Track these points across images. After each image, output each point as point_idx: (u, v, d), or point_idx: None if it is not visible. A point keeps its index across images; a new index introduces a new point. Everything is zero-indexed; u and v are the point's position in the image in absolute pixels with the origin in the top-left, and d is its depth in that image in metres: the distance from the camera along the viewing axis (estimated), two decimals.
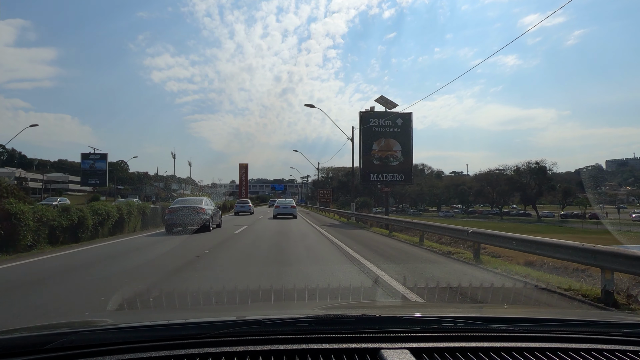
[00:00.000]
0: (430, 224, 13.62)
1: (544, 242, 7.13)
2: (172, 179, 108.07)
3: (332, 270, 7.73)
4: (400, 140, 28.17)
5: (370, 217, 22.71)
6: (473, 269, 8.49)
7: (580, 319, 1.70)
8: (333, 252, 10.76)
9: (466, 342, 1.43)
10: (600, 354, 1.40)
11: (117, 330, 1.51)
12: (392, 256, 10.30)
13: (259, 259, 9.78)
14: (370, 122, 27.90)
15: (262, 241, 13.75)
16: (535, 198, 74.66)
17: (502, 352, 1.38)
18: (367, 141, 27.97)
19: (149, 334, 1.48)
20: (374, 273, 7.40)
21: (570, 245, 6.55)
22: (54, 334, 1.45)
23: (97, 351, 1.32)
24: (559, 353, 1.39)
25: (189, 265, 8.49)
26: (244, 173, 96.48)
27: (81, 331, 1.48)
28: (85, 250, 11.69)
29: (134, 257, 10.33)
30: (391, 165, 28.04)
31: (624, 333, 1.53)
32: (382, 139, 28.10)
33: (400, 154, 28.14)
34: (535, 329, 1.56)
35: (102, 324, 1.71)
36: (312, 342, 1.40)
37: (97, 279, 7.32)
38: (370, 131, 27.98)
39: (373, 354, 1.34)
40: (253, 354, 1.33)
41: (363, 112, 28.30)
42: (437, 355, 1.35)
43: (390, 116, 28.01)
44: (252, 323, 1.53)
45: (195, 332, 1.45)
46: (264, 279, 6.84)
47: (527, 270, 8.19)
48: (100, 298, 5.52)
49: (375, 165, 27.90)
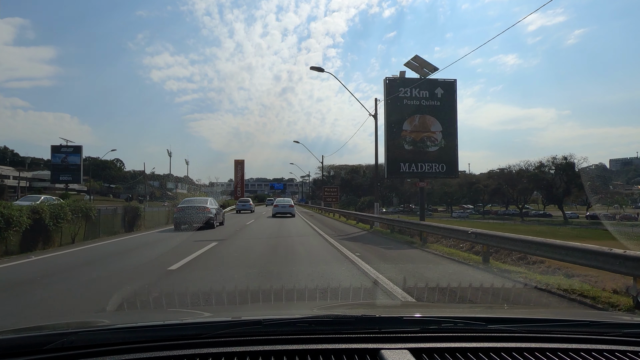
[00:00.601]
0: (500, 235, 8.80)
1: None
2: (168, 178, 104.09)
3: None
4: (441, 118, 20.62)
5: (412, 224, 15.13)
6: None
7: (580, 320, 1.69)
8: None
9: (466, 342, 1.43)
10: (600, 354, 1.40)
11: (117, 331, 1.50)
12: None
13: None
14: (400, 92, 20.37)
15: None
16: (562, 197, 67.37)
17: (502, 352, 1.38)
18: (394, 119, 20.42)
19: (149, 334, 1.47)
20: None
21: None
22: (54, 334, 1.45)
23: (97, 351, 1.32)
24: (558, 353, 1.39)
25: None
26: (240, 170, 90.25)
27: (81, 331, 1.48)
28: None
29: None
30: (428, 152, 20.50)
31: (623, 333, 1.53)
32: (416, 115, 20.55)
33: (440, 137, 20.60)
34: (535, 329, 1.55)
35: (102, 324, 1.73)
36: (312, 342, 1.40)
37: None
38: (400, 105, 20.43)
39: (373, 354, 1.34)
40: (253, 354, 1.33)
41: (390, 79, 20.73)
42: (437, 355, 1.35)
43: (426, 85, 20.49)
44: (252, 323, 1.53)
45: (195, 332, 1.46)
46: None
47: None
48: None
49: (407, 152, 20.35)
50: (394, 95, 20.24)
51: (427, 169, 20.40)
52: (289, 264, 8.53)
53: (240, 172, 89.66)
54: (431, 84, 20.66)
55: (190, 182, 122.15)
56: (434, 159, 20.49)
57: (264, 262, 8.75)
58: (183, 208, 19.25)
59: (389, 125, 20.36)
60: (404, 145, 20.35)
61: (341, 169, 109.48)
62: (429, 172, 20.44)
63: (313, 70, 22.41)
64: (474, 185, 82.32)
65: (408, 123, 20.46)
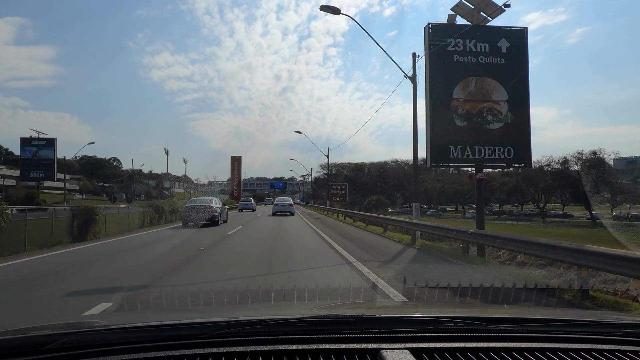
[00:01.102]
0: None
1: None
2: (165, 177, 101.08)
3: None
4: (506, 82, 14.45)
5: (502, 239, 8.90)
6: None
7: (580, 319, 1.68)
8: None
9: (466, 342, 1.42)
10: (600, 354, 1.39)
11: (117, 331, 1.49)
12: None
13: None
14: (448, 44, 14.20)
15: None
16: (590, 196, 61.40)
17: (502, 352, 1.37)
18: (441, 82, 14.23)
19: (149, 334, 1.46)
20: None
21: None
22: (54, 334, 1.43)
23: (97, 351, 1.31)
24: (559, 353, 1.38)
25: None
26: (237, 167, 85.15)
27: (81, 331, 1.46)
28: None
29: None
30: (489, 130, 14.33)
31: (624, 333, 1.52)
32: (472, 78, 14.35)
33: (505, 108, 14.43)
34: (535, 329, 1.54)
35: (102, 324, 1.72)
36: (312, 342, 1.39)
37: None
38: (448, 63, 14.26)
39: (373, 354, 1.33)
40: (253, 354, 1.32)
41: (434, 25, 14.50)
42: (437, 355, 1.33)
43: (486, 35, 14.35)
44: (252, 323, 1.52)
45: (195, 332, 1.44)
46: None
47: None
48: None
49: (460, 130, 14.14)
50: (439, 44, 14.02)
51: (488, 154, 14.19)
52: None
53: (238, 170, 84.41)
54: (492, 33, 14.49)
55: (188, 181, 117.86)
56: (497, 140, 14.30)
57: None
58: (190, 207, 20.82)
59: (432, 91, 14.15)
60: (454, 120, 14.13)
61: (344, 167, 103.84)
62: (490, 158, 14.22)
63: (324, 11, 16.17)
64: (489, 184, 76.28)
65: (460, 89, 14.26)
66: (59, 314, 5.72)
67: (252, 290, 3.61)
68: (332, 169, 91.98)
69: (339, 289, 4.95)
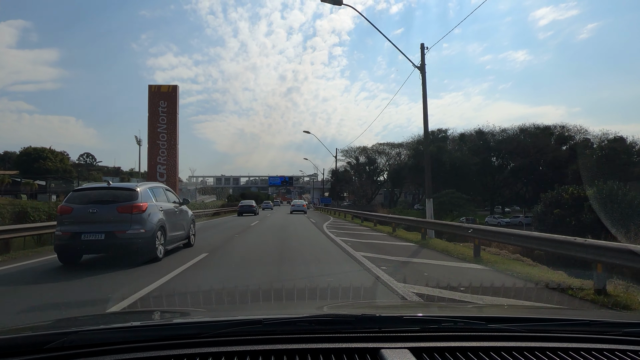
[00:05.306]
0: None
1: None
2: (134, 174, 78.22)
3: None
4: None
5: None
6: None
7: (580, 319, 1.66)
8: None
9: (466, 341, 1.41)
10: (600, 353, 1.37)
11: (117, 330, 1.47)
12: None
13: None
14: None
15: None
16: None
17: (502, 351, 1.36)
18: None
19: (149, 334, 1.45)
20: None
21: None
22: (54, 333, 1.40)
23: (97, 351, 1.30)
24: (559, 353, 1.36)
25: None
26: (171, 105, 37.78)
27: (81, 331, 1.43)
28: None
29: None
30: None
31: (624, 332, 1.50)
32: None
33: None
34: (535, 328, 1.52)
35: (102, 323, 1.69)
36: (312, 341, 1.38)
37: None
38: None
39: (373, 353, 1.31)
40: (253, 353, 1.31)
41: None
42: (437, 354, 1.32)
43: None
44: (252, 323, 1.51)
45: (195, 332, 1.43)
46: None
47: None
48: None
49: None
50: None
51: None
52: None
53: (171, 112, 37.87)
54: None
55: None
56: None
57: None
58: (243, 204, 39.04)
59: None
60: None
61: (360, 154, 74.51)
62: None
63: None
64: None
65: None
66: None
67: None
68: (356, 155, 72.35)
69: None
